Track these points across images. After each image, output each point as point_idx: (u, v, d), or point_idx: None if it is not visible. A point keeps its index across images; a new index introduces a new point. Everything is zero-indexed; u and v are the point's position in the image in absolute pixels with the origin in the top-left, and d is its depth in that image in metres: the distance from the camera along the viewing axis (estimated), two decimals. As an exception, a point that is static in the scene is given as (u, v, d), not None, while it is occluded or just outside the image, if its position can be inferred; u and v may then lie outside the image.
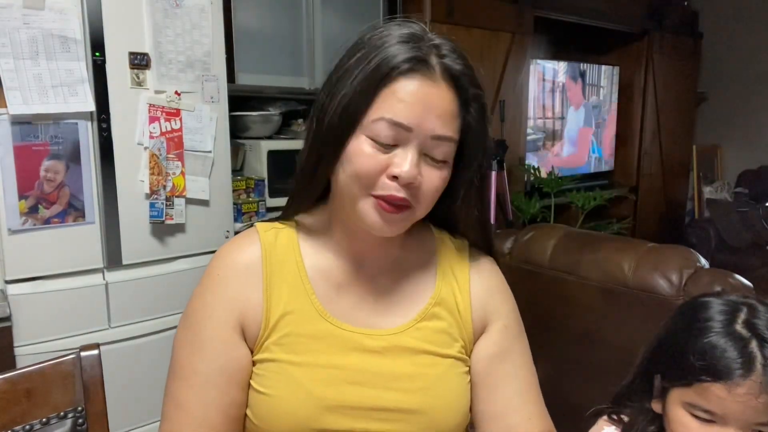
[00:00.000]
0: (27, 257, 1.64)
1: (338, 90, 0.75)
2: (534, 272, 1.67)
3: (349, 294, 0.83)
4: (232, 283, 0.81)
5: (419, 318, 0.83)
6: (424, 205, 0.76)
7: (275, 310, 0.80)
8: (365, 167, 0.72)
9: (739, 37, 4.70)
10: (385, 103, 0.72)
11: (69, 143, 1.67)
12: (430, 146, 0.73)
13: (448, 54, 0.74)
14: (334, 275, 0.83)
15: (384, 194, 0.73)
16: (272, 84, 2.40)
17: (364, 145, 0.72)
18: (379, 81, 0.72)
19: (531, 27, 3.50)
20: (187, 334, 0.81)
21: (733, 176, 4.71)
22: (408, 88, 0.72)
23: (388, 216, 0.74)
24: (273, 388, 0.78)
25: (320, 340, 0.79)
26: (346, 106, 0.74)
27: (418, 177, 0.73)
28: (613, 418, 0.87)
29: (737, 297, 0.79)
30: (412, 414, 0.78)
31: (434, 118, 0.72)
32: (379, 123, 0.72)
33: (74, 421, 0.90)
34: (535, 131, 3.87)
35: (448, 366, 0.82)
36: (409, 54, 0.72)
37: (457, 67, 0.74)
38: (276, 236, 0.84)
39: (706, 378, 0.72)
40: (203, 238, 1.97)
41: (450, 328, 0.84)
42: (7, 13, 1.55)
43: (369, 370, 0.79)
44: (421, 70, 0.72)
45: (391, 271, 0.85)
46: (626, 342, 1.43)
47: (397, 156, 0.72)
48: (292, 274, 0.81)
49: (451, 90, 0.74)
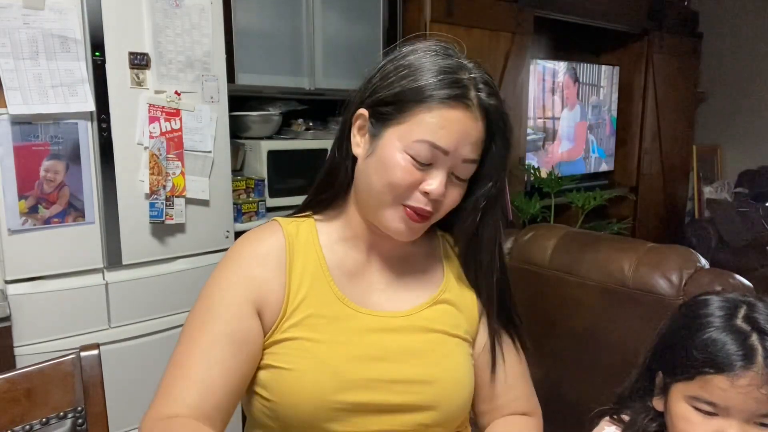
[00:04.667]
0: (27, 257, 1.64)
1: (377, 93, 0.84)
2: (534, 272, 1.67)
3: (361, 281, 0.90)
4: (256, 267, 0.85)
5: (431, 302, 0.91)
6: (441, 214, 0.86)
7: (296, 295, 0.85)
8: (403, 181, 0.81)
9: (739, 37, 4.70)
10: (428, 126, 0.80)
11: (69, 143, 1.67)
12: (458, 168, 0.83)
13: (484, 88, 0.83)
14: (347, 265, 0.90)
15: (415, 206, 0.82)
16: (272, 84, 2.40)
17: (404, 161, 0.80)
18: (423, 100, 0.80)
19: (531, 27, 3.50)
20: (202, 305, 0.84)
21: (733, 176, 4.71)
22: (451, 116, 0.80)
23: (413, 225, 0.84)
24: (295, 364, 0.82)
25: (340, 322, 0.85)
26: (379, 103, 0.83)
27: (444, 194, 0.82)
28: (615, 418, 0.88)
29: (736, 295, 0.80)
30: (427, 385, 0.85)
31: (468, 145, 0.82)
32: (421, 144, 0.80)
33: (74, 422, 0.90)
34: (535, 131, 3.87)
35: (456, 344, 0.90)
36: (451, 85, 0.81)
37: (492, 102, 0.84)
38: (297, 228, 0.90)
39: (708, 370, 0.73)
40: (203, 238, 1.97)
41: (458, 313, 0.92)
42: (7, 13, 1.55)
43: (387, 346, 0.85)
44: (463, 102, 0.81)
45: (400, 262, 0.93)
46: (626, 342, 1.43)
47: (430, 175, 0.81)
48: (312, 263, 0.87)
49: (483, 121, 0.83)
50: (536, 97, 3.83)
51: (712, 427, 0.74)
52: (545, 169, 3.83)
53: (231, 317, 0.81)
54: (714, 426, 0.74)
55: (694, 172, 4.89)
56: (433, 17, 2.93)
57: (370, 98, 0.85)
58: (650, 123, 4.49)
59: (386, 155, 0.81)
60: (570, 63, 4.10)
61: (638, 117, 4.46)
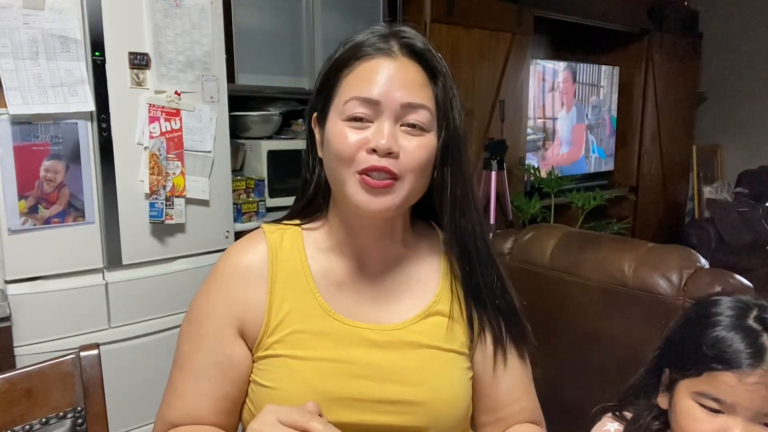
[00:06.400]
0: (27, 257, 1.64)
1: (315, 87, 0.84)
2: (534, 272, 1.67)
3: (350, 291, 0.85)
4: (234, 284, 0.84)
5: (423, 315, 0.85)
6: (411, 176, 0.77)
7: (279, 310, 0.82)
8: (344, 146, 0.77)
9: (739, 37, 4.70)
10: (351, 85, 0.78)
11: (69, 143, 1.67)
12: (402, 115, 0.77)
13: (410, 36, 0.80)
14: (336, 274, 0.85)
15: (366, 166, 0.76)
16: (272, 84, 2.40)
17: (341, 127, 0.77)
18: (342, 67, 0.79)
19: (531, 27, 3.50)
20: (190, 328, 0.85)
21: (733, 176, 4.71)
22: (371, 66, 0.78)
23: (375, 191, 0.76)
24: (277, 382, 0.80)
25: (325, 336, 0.82)
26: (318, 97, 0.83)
27: (394, 145, 0.75)
28: (617, 415, 0.88)
29: (748, 297, 0.81)
30: (415, 406, 0.80)
31: (399, 87, 0.76)
32: (349, 103, 0.77)
33: (74, 422, 0.90)
34: (534, 131, 3.87)
35: (449, 360, 0.84)
36: (370, 41, 0.79)
37: (419, 45, 0.80)
38: (282, 237, 0.87)
39: (717, 366, 0.73)
40: (203, 238, 1.97)
41: (453, 324, 0.86)
42: (7, 13, 1.55)
43: (373, 364, 0.81)
44: (382, 51, 0.78)
45: (393, 268, 0.87)
46: (626, 342, 1.43)
47: (372, 131, 0.76)
48: (297, 274, 0.84)
49: (414, 63, 0.79)
50: (536, 97, 3.83)
51: (716, 425, 0.74)
52: (545, 169, 3.83)
53: (215, 346, 0.82)
54: (718, 423, 0.74)
55: (694, 172, 4.89)
56: (433, 17, 2.93)
57: (313, 97, 0.86)
58: (650, 123, 4.49)
59: (329, 133, 0.79)
60: (570, 63, 4.10)
61: (638, 117, 4.46)
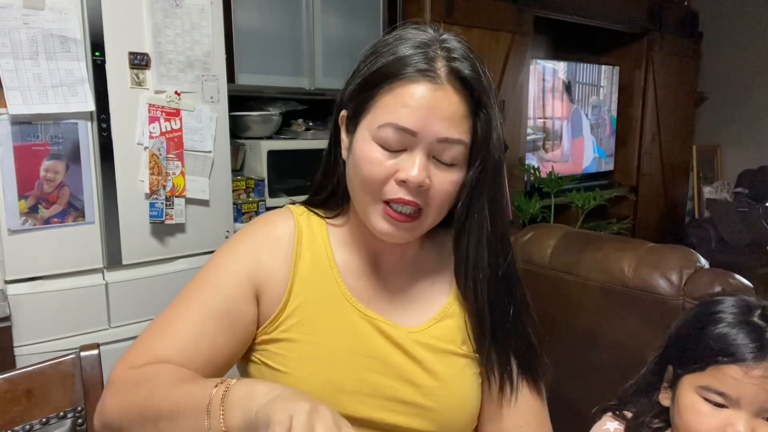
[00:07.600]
0: (27, 257, 1.64)
1: (348, 87, 0.78)
2: (534, 272, 1.67)
3: (368, 287, 0.84)
4: (264, 249, 0.82)
5: (439, 317, 0.84)
6: (435, 209, 0.76)
7: (300, 291, 0.81)
8: (374, 173, 0.73)
9: (739, 37, 4.70)
10: (388, 108, 0.73)
11: (69, 143, 1.66)
12: (437, 149, 0.73)
13: (458, 57, 0.74)
14: (355, 269, 0.84)
15: (393, 198, 0.73)
16: (272, 84, 2.40)
17: (372, 151, 0.73)
18: (383, 83, 0.73)
19: (531, 27, 3.50)
20: (207, 274, 0.81)
21: (733, 176, 4.71)
22: (411, 92, 0.72)
23: (398, 225, 0.75)
24: (291, 367, 0.78)
25: (344, 323, 0.80)
26: (351, 101, 0.77)
27: (426, 180, 0.72)
28: (617, 414, 0.88)
29: (753, 298, 0.82)
30: (427, 410, 0.80)
31: (439, 121, 0.72)
32: (385, 129, 0.72)
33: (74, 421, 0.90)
34: (534, 131, 3.87)
35: (463, 365, 0.83)
36: (415, 59, 0.72)
37: (466, 72, 0.73)
38: (309, 220, 0.86)
39: (722, 359, 0.74)
40: (203, 238, 1.96)
41: (466, 327, 0.84)
42: (7, 13, 1.55)
43: (389, 361, 0.80)
44: (426, 75, 0.72)
45: (408, 270, 0.86)
46: (626, 342, 1.43)
47: (404, 161, 0.73)
48: (321, 258, 0.83)
49: (458, 93, 0.73)
50: (536, 97, 3.83)
51: (720, 419, 0.74)
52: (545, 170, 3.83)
53: (231, 295, 0.78)
54: (722, 418, 0.74)
55: (694, 172, 4.89)
56: (433, 17, 2.93)
57: (346, 95, 0.80)
58: (650, 123, 4.49)
59: (357, 150, 0.75)
60: (570, 63, 4.10)
61: (638, 117, 4.46)
